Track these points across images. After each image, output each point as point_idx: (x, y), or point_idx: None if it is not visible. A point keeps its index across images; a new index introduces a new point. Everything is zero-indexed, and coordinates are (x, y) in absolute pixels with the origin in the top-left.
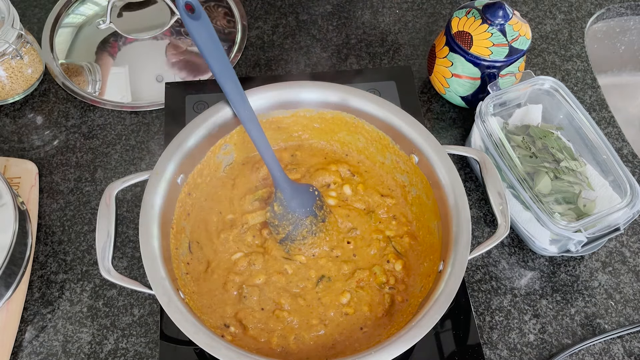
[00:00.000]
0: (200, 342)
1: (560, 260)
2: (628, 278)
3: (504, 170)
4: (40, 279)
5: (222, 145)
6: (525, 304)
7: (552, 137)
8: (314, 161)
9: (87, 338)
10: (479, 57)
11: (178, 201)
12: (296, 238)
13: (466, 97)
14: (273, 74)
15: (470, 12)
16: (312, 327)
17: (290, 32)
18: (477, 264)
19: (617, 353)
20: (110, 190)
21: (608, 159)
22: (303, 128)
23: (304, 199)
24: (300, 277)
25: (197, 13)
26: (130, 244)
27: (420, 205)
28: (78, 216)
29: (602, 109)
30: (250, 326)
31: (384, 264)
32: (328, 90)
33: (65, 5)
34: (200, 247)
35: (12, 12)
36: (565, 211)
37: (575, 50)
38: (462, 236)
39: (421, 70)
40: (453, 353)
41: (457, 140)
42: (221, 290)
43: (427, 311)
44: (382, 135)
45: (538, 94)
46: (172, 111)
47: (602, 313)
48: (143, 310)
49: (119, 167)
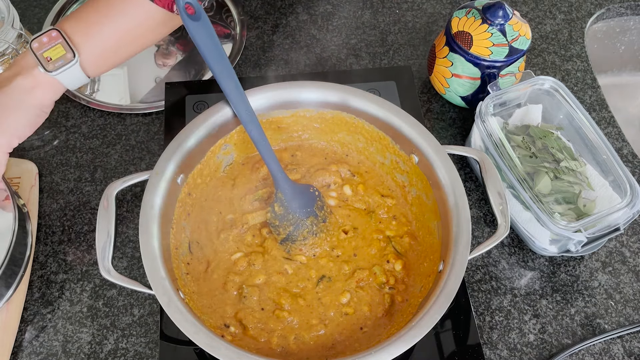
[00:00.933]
0: (200, 342)
1: (560, 260)
2: (628, 278)
3: (504, 170)
4: (40, 279)
5: (222, 145)
6: (525, 304)
7: (552, 137)
8: (314, 161)
9: (87, 338)
10: (479, 57)
11: (178, 201)
12: (297, 238)
13: (466, 97)
14: (273, 74)
15: (470, 12)
16: (312, 327)
17: (290, 32)
18: (477, 264)
19: (617, 353)
20: (110, 190)
21: (608, 159)
22: (303, 128)
23: (305, 199)
24: (301, 277)
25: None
26: (130, 244)
27: (420, 205)
28: (78, 216)
29: (602, 109)
30: (250, 326)
31: (384, 264)
32: (328, 90)
33: (64, 6)
34: (200, 247)
35: (12, 12)
36: (565, 211)
37: (575, 50)
38: (462, 236)
39: (421, 70)
40: (453, 353)
41: (457, 140)
42: (221, 290)
43: (427, 311)
44: (382, 135)
45: (538, 94)
46: (172, 111)
47: (602, 313)
48: (143, 310)
49: (119, 167)
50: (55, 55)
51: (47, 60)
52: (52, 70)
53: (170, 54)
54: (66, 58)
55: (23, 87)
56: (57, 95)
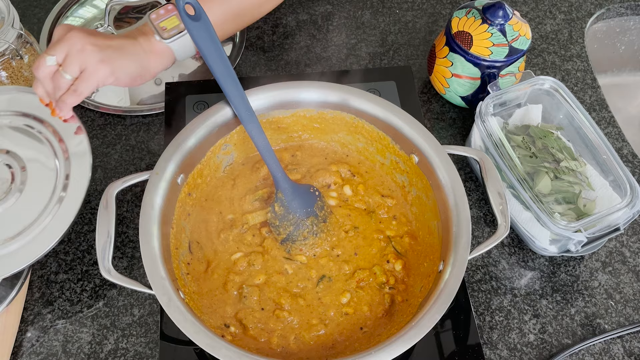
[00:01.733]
0: (200, 342)
1: (560, 260)
2: (628, 278)
3: (504, 170)
4: (40, 279)
5: (222, 145)
6: (525, 304)
7: (552, 137)
8: (315, 161)
9: (87, 338)
10: (479, 57)
11: (178, 201)
12: (297, 238)
13: (466, 97)
14: (273, 74)
15: (470, 12)
16: (312, 327)
17: (290, 32)
18: (477, 264)
19: (617, 353)
20: (110, 190)
21: (608, 159)
22: (303, 128)
23: (305, 199)
24: (301, 277)
25: (198, 14)
26: (130, 244)
27: (420, 205)
28: (78, 216)
29: (602, 109)
30: (250, 326)
31: (384, 264)
32: (328, 90)
33: (64, 7)
34: (201, 247)
35: (12, 12)
36: (565, 211)
37: (575, 50)
38: (462, 236)
39: (421, 70)
40: (453, 353)
41: (457, 140)
42: (221, 290)
43: (427, 311)
44: (382, 135)
45: (538, 94)
46: (172, 111)
47: (602, 313)
48: (143, 310)
49: (119, 167)
50: (170, 25)
51: (162, 29)
52: (167, 38)
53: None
54: (179, 27)
55: (142, 47)
56: (166, 65)
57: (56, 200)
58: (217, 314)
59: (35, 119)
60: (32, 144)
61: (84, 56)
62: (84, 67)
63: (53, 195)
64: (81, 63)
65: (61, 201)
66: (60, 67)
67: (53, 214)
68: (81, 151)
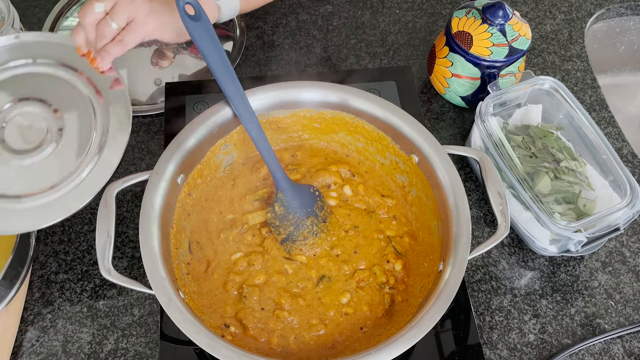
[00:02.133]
0: (200, 342)
1: (560, 260)
2: (628, 278)
3: (504, 170)
4: (40, 279)
5: (222, 145)
6: (525, 304)
7: (552, 137)
8: (315, 161)
9: (87, 338)
10: (479, 57)
11: (178, 201)
12: (297, 238)
13: (466, 97)
14: (273, 74)
15: (470, 12)
16: (312, 327)
17: (290, 32)
18: (477, 264)
19: (617, 353)
20: (110, 190)
21: (608, 159)
22: (303, 128)
23: (305, 199)
24: (301, 277)
25: (198, 14)
26: (130, 244)
27: (420, 205)
28: (78, 216)
29: (602, 109)
30: (250, 326)
31: (384, 264)
32: (328, 90)
33: (64, 7)
34: (201, 247)
35: (12, 12)
36: (565, 211)
37: (575, 50)
38: (462, 236)
39: (421, 70)
40: (453, 353)
41: (457, 140)
42: (221, 290)
43: (427, 311)
44: (382, 135)
45: (538, 94)
46: (172, 111)
47: (602, 313)
48: (143, 310)
49: (119, 167)
50: None
51: None
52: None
53: (167, 57)
54: None
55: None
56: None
57: (95, 151)
58: (217, 314)
59: (70, 67)
60: (69, 94)
61: (133, 7)
62: (132, 18)
63: (92, 146)
64: (130, 13)
65: (101, 151)
66: (107, 15)
67: (93, 163)
68: (120, 100)
